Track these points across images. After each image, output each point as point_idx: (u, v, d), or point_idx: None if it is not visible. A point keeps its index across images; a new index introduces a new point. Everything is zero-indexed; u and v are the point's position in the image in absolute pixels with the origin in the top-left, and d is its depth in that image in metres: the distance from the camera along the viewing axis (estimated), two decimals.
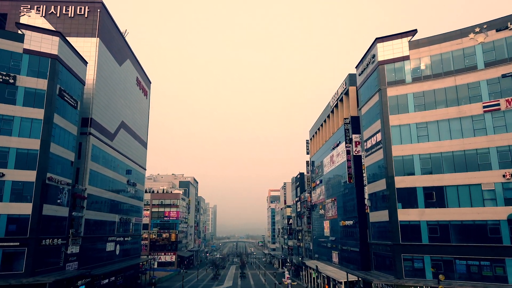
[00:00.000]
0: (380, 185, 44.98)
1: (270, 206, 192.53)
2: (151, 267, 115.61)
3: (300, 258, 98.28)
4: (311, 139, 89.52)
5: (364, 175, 50.11)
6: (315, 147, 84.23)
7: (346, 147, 55.36)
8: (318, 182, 78.49)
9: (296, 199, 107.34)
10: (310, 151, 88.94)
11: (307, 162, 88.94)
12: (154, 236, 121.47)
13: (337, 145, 62.90)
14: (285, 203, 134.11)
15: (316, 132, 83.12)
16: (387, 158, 43.02)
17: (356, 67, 54.18)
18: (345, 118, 56.63)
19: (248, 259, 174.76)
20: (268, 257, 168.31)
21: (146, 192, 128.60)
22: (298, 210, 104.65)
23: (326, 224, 70.88)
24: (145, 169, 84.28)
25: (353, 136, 54.77)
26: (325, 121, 74.49)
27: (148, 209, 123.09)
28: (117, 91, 65.97)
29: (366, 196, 49.06)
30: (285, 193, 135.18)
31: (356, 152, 54.18)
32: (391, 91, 44.20)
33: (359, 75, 52.97)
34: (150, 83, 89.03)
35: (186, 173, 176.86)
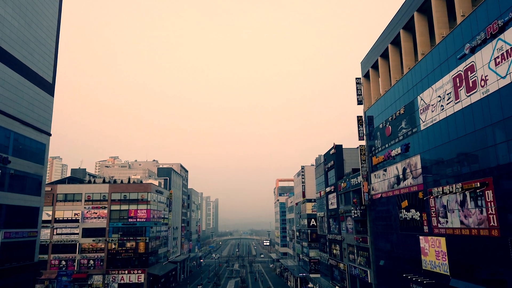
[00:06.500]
0: None
1: (278, 200, 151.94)
2: None
3: None
4: (365, 76, 48.21)
5: None
6: (380, 88, 42.98)
7: None
8: (393, 152, 37.49)
9: (328, 189, 66.02)
10: (365, 100, 47.63)
11: (358, 118, 47.55)
12: (114, 246, 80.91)
13: (500, 30, 21.70)
14: (303, 195, 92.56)
15: (385, 55, 41.74)
16: None
17: None
18: None
19: (253, 268, 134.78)
20: (278, 266, 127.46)
21: (104, 182, 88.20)
22: (332, 207, 63.75)
23: (434, 244, 29.94)
24: (50, 134, 43.25)
25: None
26: (421, 9, 33.08)
27: (105, 207, 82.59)
28: None
29: None
30: (303, 182, 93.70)
31: None
32: None
33: None
34: None
35: (183, 164, 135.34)
